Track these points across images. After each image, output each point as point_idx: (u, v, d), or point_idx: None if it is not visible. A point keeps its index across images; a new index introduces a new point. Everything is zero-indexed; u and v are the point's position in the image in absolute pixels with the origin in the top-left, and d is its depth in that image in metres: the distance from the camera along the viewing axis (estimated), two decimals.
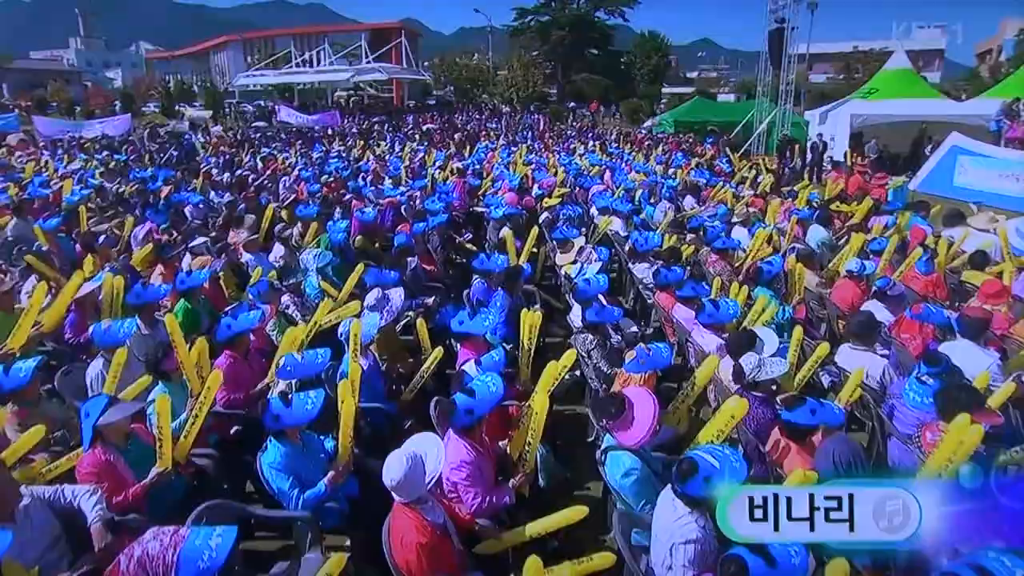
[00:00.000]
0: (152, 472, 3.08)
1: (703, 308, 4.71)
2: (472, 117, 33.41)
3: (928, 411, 3.54)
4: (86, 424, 3.04)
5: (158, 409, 3.08)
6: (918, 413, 3.58)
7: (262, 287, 5.11)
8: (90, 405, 3.07)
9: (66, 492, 2.79)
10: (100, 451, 3.05)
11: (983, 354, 4.25)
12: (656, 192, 11.04)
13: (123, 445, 3.16)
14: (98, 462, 3.02)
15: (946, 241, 7.52)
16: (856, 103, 21.85)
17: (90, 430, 3.02)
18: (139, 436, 3.30)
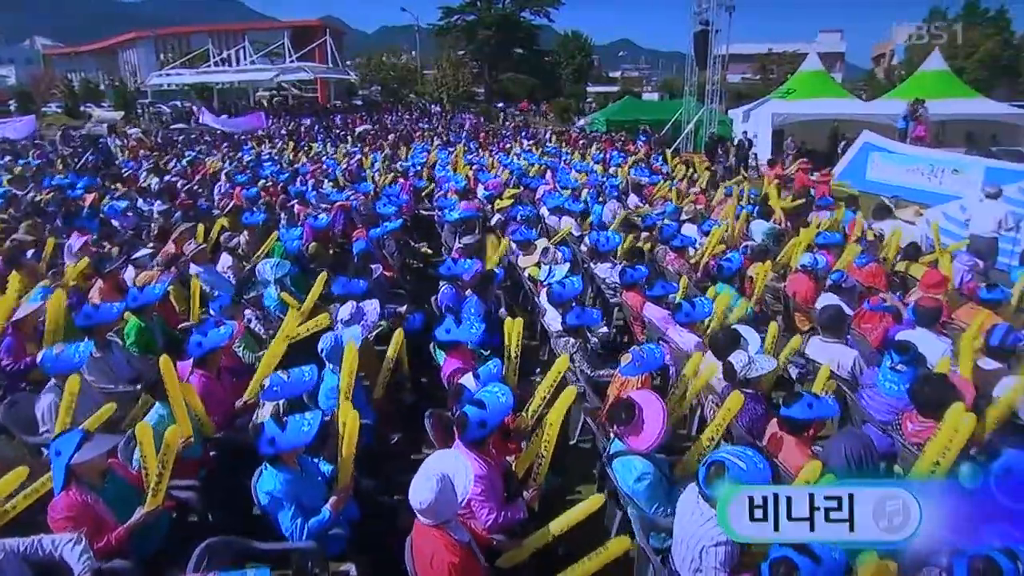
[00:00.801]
0: (139, 512, 2.83)
1: (680, 307, 4.80)
2: (402, 117, 32.87)
3: (901, 398, 3.74)
4: (58, 464, 2.76)
5: (141, 439, 2.83)
6: (892, 400, 3.78)
7: (224, 301, 4.82)
8: (61, 442, 2.79)
9: (44, 543, 2.52)
10: (75, 492, 2.77)
11: (938, 341, 4.54)
12: (603, 191, 11.20)
13: (100, 484, 2.90)
14: (74, 504, 2.74)
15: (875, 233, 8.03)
16: (776, 103, 23.02)
17: (63, 470, 2.75)
18: (115, 471, 3.03)
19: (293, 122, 27.90)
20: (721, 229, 7.60)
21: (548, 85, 49.28)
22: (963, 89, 22.52)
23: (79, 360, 3.78)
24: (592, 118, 29.05)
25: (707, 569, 2.53)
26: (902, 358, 3.76)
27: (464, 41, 46.94)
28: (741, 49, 56.19)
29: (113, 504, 2.90)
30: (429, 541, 2.52)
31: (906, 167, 16.40)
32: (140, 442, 2.83)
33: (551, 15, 48.94)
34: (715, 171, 16.21)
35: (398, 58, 47.59)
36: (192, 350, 3.79)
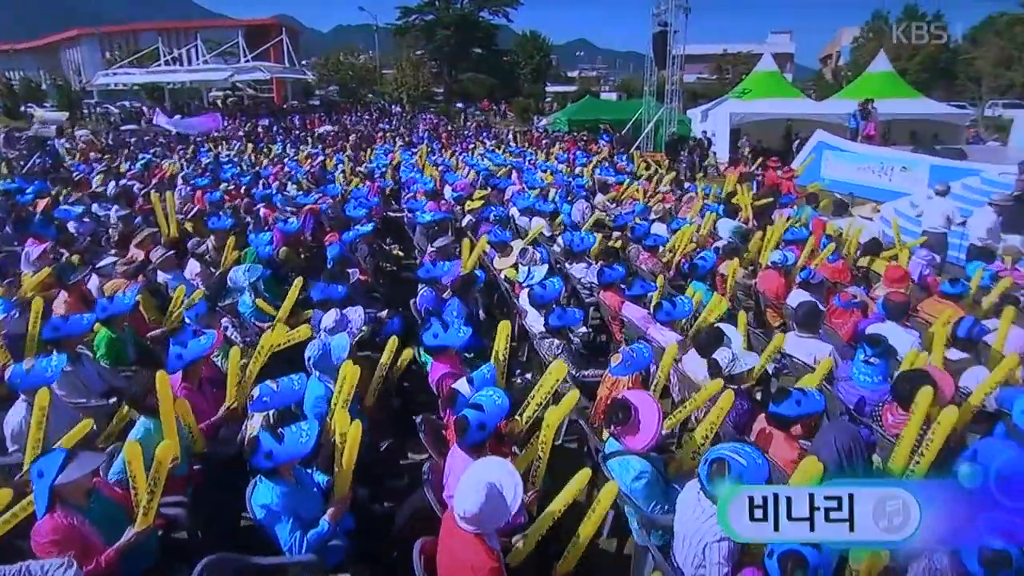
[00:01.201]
0: (129, 532, 2.73)
1: (661, 306, 4.88)
2: (362, 118, 32.43)
3: (874, 390, 3.89)
4: (40, 485, 2.64)
5: (129, 457, 2.73)
6: (866, 392, 3.92)
7: (200, 310, 4.67)
8: (44, 463, 2.67)
9: (33, 569, 2.41)
10: (60, 514, 2.65)
11: (906, 333, 4.73)
12: (572, 191, 11.28)
13: (85, 504, 2.78)
14: (60, 527, 2.63)
15: (834, 229, 8.32)
16: (733, 102, 23.61)
17: (47, 492, 2.63)
18: (100, 491, 2.91)
19: (250, 123, 27.22)
20: (691, 228, 7.74)
21: (507, 85, 49.38)
22: (907, 90, 23.49)
23: (52, 375, 3.62)
24: (554, 118, 29.20)
25: (710, 565, 2.58)
26: (874, 351, 3.90)
27: (423, 41, 46.58)
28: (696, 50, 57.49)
29: (100, 524, 2.79)
30: (468, 548, 2.50)
31: (858, 165, 17.03)
32: (129, 460, 2.72)
33: (510, 15, 49.03)
34: (678, 170, 16.50)
35: (356, 58, 46.87)
36: (172, 363, 3.67)
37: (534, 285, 5.35)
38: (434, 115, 33.52)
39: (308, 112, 33.97)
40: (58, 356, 3.75)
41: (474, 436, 3.00)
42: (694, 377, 4.36)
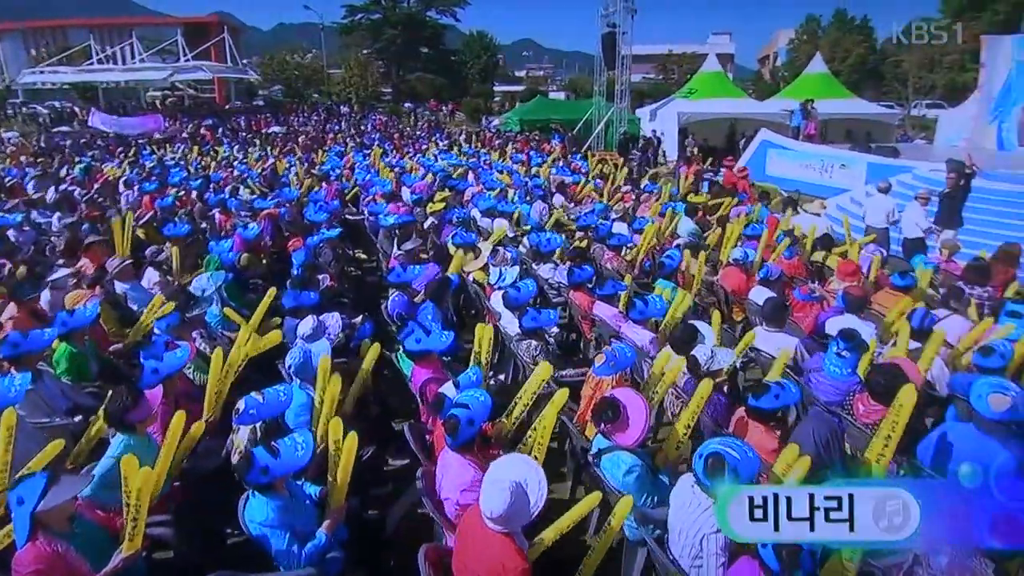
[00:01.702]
0: (117, 558, 2.63)
1: (634, 305, 5.00)
2: (310, 118, 31.73)
3: (845, 381, 4.09)
4: (20, 513, 2.51)
5: (127, 475, 2.62)
6: (838, 383, 4.11)
7: (172, 321, 4.51)
8: (23, 490, 2.54)
9: None
10: (43, 542, 2.52)
11: (864, 325, 4.97)
12: (530, 191, 11.36)
13: (68, 530, 2.66)
14: (43, 556, 2.50)
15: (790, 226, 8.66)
16: (680, 102, 24.23)
17: (28, 520, 2.50)
18: (82, 515, 2.79)
19: (192, 124, 26.24)
20: (654, 227, 7.92)
21: (455, 84, 49.27)
22: (841, 90, 24.62)
23: (16, 394, 3.46)
24: (505, 118, 29.31)
25: (707, 555, 2.67)
26: (847, 344, 4.10)
27: (369, 40, 45.95)
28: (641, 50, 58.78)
29: (84, 550, 2.67)
30: (498, 548, 2.51)
31: (800, 163, 17.69)
32: (127, 477, 2.62)
33: (457, 15, 48.90)
34: (631, 168, 16.80)
35: (302, 57, 45.75)
36: (148, 377, 3.54)
37: (508, 287, 5.38)
38: (383, 115, 33.05)
39: (253, 113, 32.99)
40: (21, 375, 3.57)
41: (465, 433, 3.03)
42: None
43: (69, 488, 2.65)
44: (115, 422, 3.19)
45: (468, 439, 3.05)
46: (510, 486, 2.49)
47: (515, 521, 2.53)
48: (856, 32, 47.95)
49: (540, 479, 2.61)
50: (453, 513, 3.06)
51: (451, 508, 3.06)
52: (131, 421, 3.19)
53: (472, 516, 2.72)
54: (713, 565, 2.66)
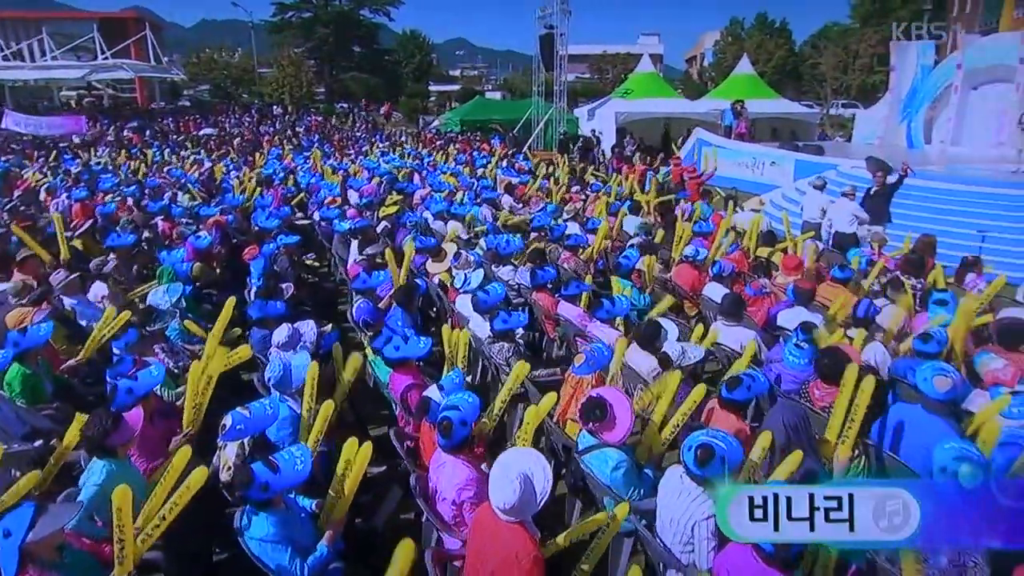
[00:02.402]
0: None
1: (601, 305, 5.16)
2: (242, 120, 30.62)
3: (804, 370, 4.38)
4: (8, 547, 2.40)
5: (118, 502, 2.55)
6: (796, 372, 4.40)
7: (131, 338, 4.34)
8: (10, 522, 2.43)
9: None
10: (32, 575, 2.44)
11: (812, 316, 5.31)
12: (479, 193, 11.43)
13: (57, 560, 2.56)
14: None
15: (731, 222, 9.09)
16: (617, 102, 24.81)
17: (16, 553, 2.40)
18: (70, 543, 2.69)
19: (113, 126, 24.83)
20: (605, 226, 8.15)
21: (390, 84, 48.72)
22: (767, 91, 25.82)
23: None
24: (445, 118, 29.24)
25: (699, 541, 2.84)
26: (805, 337, 4.39)
27: (300, 38, 44.73)
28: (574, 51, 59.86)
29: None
30: (511, 538, 2.59)
31: (733, 161, 18.41)
32: (119, 508, 2.54)
33: (391, 14, 48.27)
34: (573, 167, 17.11)
35: (231, 56, 43.94)
36: (122, 398, 3.40)
37: (476, 291, 5.44)
38: (319, 116, 32.26)
39: (180, 114, 31.53)
40: None
41: (459, 434, 3.11)
42: (638, 369, 4.65)
43: (58, 517, 2.55)
44: (94, 447, 3.07)
45: (461, 440, 3.13)
46: (519, 477, 2.59)
47: (526, 510, 2.62)
48: (777, 35, 50.32)
49: (545, 468, 2.72)
50: (450, 513, 3.12)
51: (447, 508, 3.12)
52: (112, 445, 3.08)
53: (481, 515, 2.79)
54: (704, 550, 2.83)
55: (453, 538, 3.14)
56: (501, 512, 2.62)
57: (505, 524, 2.64)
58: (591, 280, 6.40)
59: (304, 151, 18.79)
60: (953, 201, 11.01)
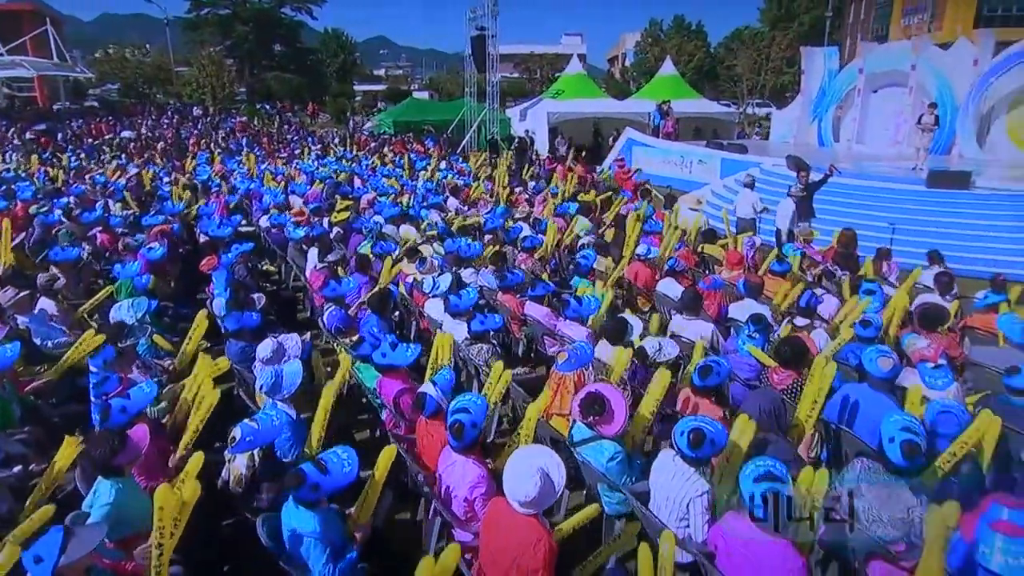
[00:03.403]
0: None
1: (569, 304, 5.44)
2: (159, 121, 29.12)
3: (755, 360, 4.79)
4: (40, 572, 2.41)
5: (160, 502, 2.58)
6: (751, 361, 4.81)
7: (108, 355, 4.25)
8: (40, 547, 2.43)
9: None
10: None
11: (760, 308, 5.79)
12: (425, 197, 11.52)
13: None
14: None
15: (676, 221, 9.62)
16: (548, 102, 25.33)
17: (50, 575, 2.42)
18: (96, 565, 2.69)
19: (14, 127, 23.05)
20: (554, 227, 8.46)
21: (314, 84, 47.60)
22: (689, 91, 27.04)
23: None
24: (378, 120, 28.89)
25: (694, 516, 3.15)
26: (756, 327, 4.82)
27: (218, 36, 42.84)
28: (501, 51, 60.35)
29: None
30: (525, 529, 2.77)
31: (663, 159, 19.23)
32: (160, 508, 2.57)
33: (313, 12, 47.05)
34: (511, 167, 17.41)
35: (144, 54, 41.38)
36: (116, 417, 3.37)
37: (450, 295, 5.59)
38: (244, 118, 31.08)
39: (87, 115, 29.62)
40: None
41: (469, 435, 3.29)
42: (608, 362, 4.95)
43: (86, 540, 2.56)
44: (101, 468, 3.05)
45: (472, 440, 3.30)
46: (538, 472, 2.80)
47: (545, 502, 2.83)
48: (694, 37, 52.57)
49: (559, 463, 2.94)
50: (462, 509, 3.30)
51: (460, 504, 3.30)
52: (119, 464, 3.08)
53: (494, 509, 2.98)
54: (699, 523, 3.14)
55: (465, 532, 3.32)
56: (520, 505, 2.81)
57: (521, 516, 2.84)
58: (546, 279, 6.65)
59: (235, 155, 18.17)
60: (864, 196, 12.03)
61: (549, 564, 2.79)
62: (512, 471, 2.87)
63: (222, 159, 17.14)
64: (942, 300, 5.94)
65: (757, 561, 2.68)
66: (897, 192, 11.96)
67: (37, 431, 4.25)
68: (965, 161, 14.89)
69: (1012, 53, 15.21)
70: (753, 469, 2.72)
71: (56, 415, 4.60)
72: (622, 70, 64.25)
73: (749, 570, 2.70)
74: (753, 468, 2.72)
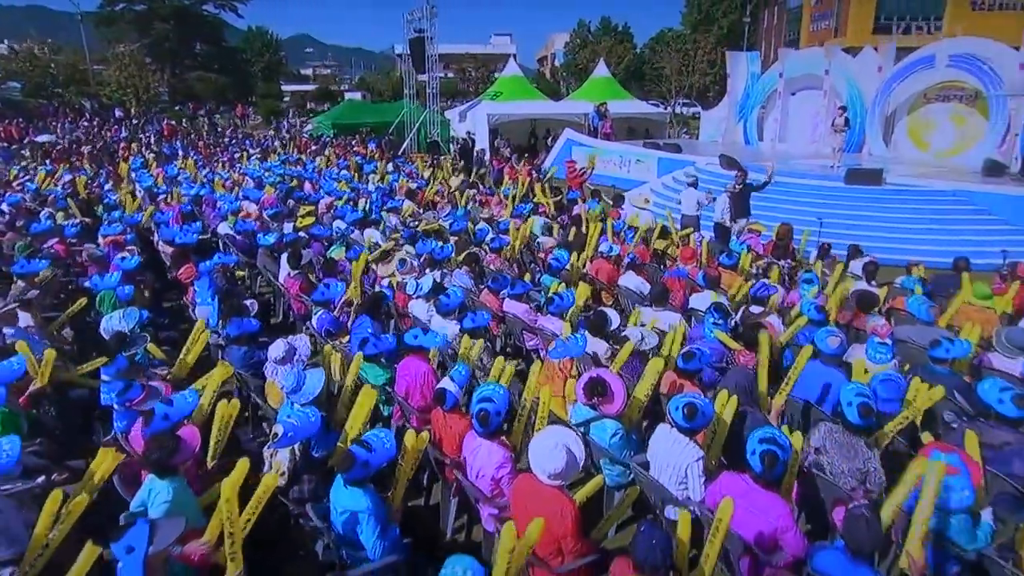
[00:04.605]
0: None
1: (552, 301, 5.88)
2: (78, 124, 27.59)
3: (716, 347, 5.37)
4: (131, 561, 2.62)
5: (227, 494, 2.82)
6: (718, 347, 5.38)
7: (121, 364, 4.35)
8: (131, 537, 2.64)
9: None
10: None
11: (719, 298, 6.41)
12: (384, 202, 11.67)
13: (165, 571, 2.80)
14: None
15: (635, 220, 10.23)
16: (487, 104, 25.69)
17: (141, 566, 2.62)
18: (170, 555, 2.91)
19: None
20: (514, 228, 8.89)
21: (240, 84, 46.13)
22: (622, 92, 28.07)
23: (6, 461, 3.29)
24: (317, 122, 28.46)
25: (692, 479, 3.63)
26: (719, 315, 5.39)
27: (135, 34, 40.68)
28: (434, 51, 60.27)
29: None
30: (553, 499, 3.14)
31: (603, 159, 19.92)
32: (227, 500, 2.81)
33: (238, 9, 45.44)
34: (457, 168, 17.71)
35: (55, 51, 38.64)
36: (158, 423, 3.54)
37: (439, 296, 5.90)
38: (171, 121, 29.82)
39: None
40: (8, 440, 3.37)
41: (494, 422, 3.66)
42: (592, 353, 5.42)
43: (167, 532, 2.79)
44: (160, 468, 3.23)
45: (497, 426, 3.68)
46: (564, 448, 3.20)
47: (570, 474, 3.22)
48: (621, 38, 54.21)
49: (577, 440, 3.35)
50: (488, 487, 3.66)
51: (487, 483, 3.66)
52: (175, 465, 3.28)
53: (523, 484, 3.36)
54: (698, 486, 3.63)
55: (490, 507, 3.69)
56: (548, 478, 3.20)
57: (548, 488, 3.23)
58: (527, 278, 7.07)
59: (171, 160, 17.63)
60: (793, 192, 13.09)
61: (576, 529, 3.20)
62: (539, 449, 3.25)
63: (161, 165, 16.62)
64: (869, 287, 6.76)
65: (754, 509, 3.19)
66: (820, 188, 13.08)
67: (48, 443, 4.31)
68: (875, 159, 16.36)
69: (909, 62, 16.82)
70: (762, 432, 3.23)
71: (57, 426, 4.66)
72: (552, 70, 65.39)
73: (747, 517, 3.20)
74: (762, 432, 3.24)
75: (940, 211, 11.87)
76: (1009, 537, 3.18)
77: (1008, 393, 3.81)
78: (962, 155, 16.13)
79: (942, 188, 12.47)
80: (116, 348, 4.67)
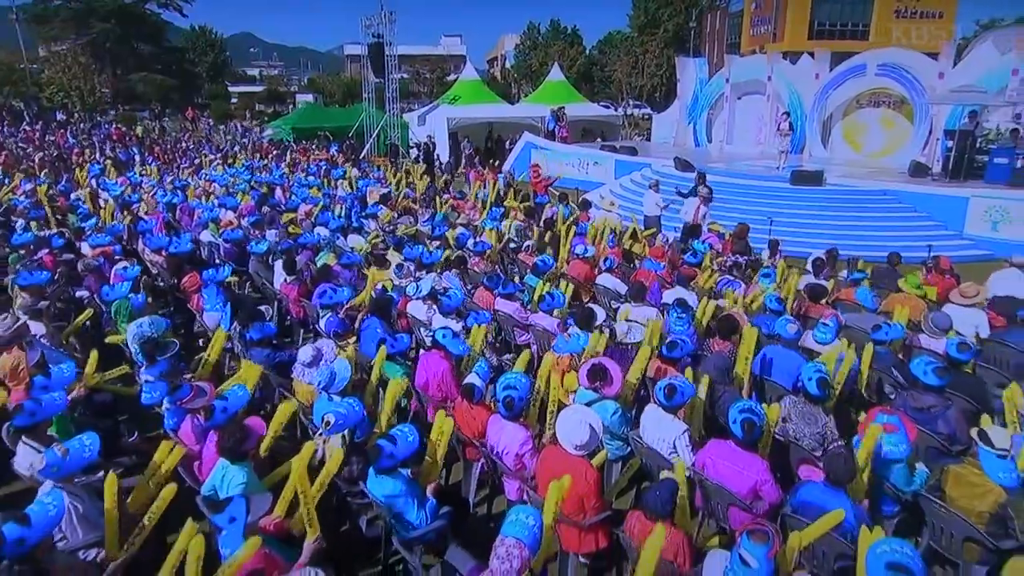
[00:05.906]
0: (310, 545, 3.31)
1: (544, 299, 6.49)
2: (19, 128, 26.56)
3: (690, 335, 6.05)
4: (235, 529, 3.09)
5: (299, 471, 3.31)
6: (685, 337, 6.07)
7: (163, 367, 4.73)
8: (233, 510, 3.11)
9: None
10: None
11: (690, 295, 7.13)
12: (363, 207, 12.05)
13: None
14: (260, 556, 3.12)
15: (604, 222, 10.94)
16: (446, 108, 26.11)
17: (242, 533, 3.09)
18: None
19: None
20: (499, 232, 9.47)
21: (187, 84, 45.00)
22: (576, 95, 28.88)
23: (90, 455, 3.67)
24: (276, 126, 28.24)
25: (681, 449, 4.28)
26: (681, 310, 6.07)
27: (72, 33, 39.13)
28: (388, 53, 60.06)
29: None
30: (578, 466, 3.72)
31: (561, 161, 20.67)
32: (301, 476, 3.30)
33: (183, 9, 44.27)
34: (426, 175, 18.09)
35: None
36: (218, 416, 3.98)
37: (441, 297, 6.42)
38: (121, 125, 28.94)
39: None
40: (89, 436, 3.74)
41: (518, 407, 4.24)
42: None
43: (262, 504, 3.29)
44: (233, 455, 3.68)
45: (520, 411, 4.26)
46: (587, 423, 3.82)
47: (592, 445, 3.84)
48: (571, 40, 55.19)
49: (596, 417, 3.97)
50: (512, 463, 4.24)
51: (511, 459, 4.23)
52: (246, 451, 3.73)
53: (549, 454, 3.96)
54: (686, 454, 4.30)
55: (513, 480, 4.27)
56: (575, 449, 3.80)
57: (573, 456, 3.84)
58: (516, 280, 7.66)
59: (129, 167, 17.43)
60: (743, 193, 14.10)
61: (597, 490, 3.82)
62: (567, 424, 3.87)
63: (120, 172, 16.44)
64: (818, 280, 7.63)
65: (738, 467, 3.88)
66: (767, 189, 14.13)
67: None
68: (815, 160, 17.61)
69: (843, 70, 18.17)
70: (741, 404, 3.92)
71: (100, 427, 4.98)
72: (502, 72, 65.96)
73: (732, 474, 3.88)
74: (741, 404, 3.92)
75: (873, 209, 13.07)
76: (936, 479, 3.96)
77: (932, 366, 4.62)
78: (891, 156, 17.55)
79: (874, 188, 13.68)
80: (152, 353, 5.03)
